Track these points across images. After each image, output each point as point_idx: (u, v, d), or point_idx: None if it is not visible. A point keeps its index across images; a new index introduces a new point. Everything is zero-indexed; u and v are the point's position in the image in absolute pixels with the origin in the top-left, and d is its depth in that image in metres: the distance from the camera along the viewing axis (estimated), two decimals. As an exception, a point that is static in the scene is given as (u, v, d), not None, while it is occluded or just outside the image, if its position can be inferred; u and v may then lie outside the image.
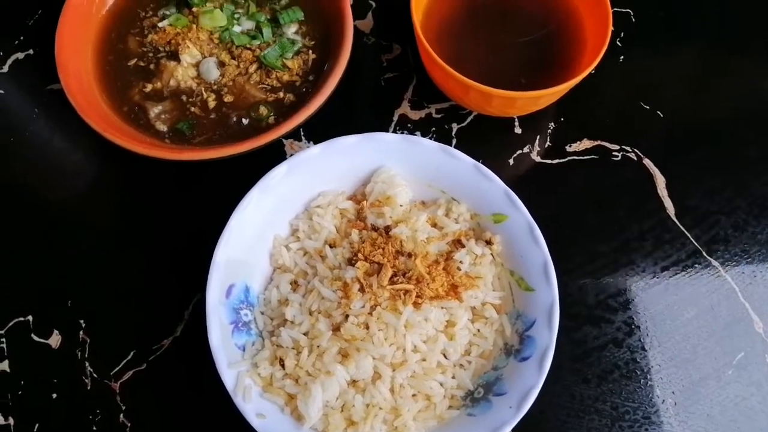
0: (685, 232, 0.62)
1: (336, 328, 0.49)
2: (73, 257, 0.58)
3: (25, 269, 0.58)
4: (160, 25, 0.60)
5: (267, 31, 0.60)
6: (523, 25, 0.65)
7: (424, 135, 0.64)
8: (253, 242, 0.52)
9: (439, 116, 0.66)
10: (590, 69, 0.56)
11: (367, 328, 0.48)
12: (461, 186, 0.55)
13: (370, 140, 0.55)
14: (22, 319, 0.56)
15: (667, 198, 0.63)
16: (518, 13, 0.65)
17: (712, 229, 0.62)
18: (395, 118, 0.65)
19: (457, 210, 0.55)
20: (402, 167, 0.56)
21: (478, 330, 0.52)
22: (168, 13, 0.61)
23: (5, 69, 0.66)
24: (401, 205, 0.54)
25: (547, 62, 0.63)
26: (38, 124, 0.64)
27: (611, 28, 0.57)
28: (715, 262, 0.60)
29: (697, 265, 0.60)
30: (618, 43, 0.69)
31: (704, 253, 0.61)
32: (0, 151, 0.63)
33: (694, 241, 0.61)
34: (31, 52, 0.67)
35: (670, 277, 0.59)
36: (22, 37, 0.67)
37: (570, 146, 0.65)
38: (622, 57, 0.69)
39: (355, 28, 0.65)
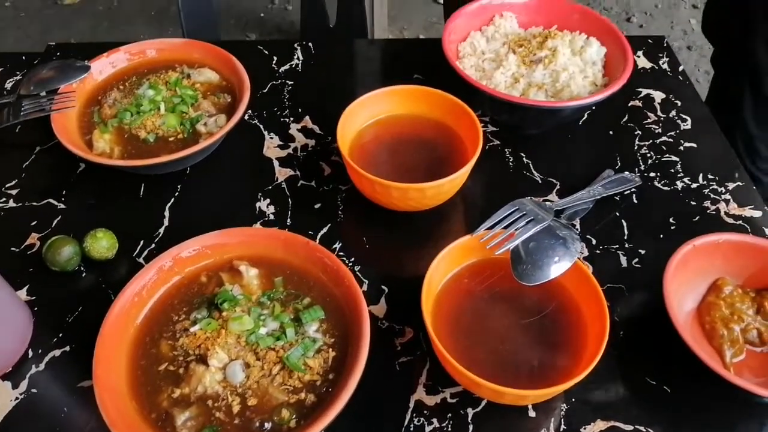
0: None
1: None
2: None
3: None
4: (191, 329, 0.65)
5: (290, 332, 0.65)
6: (526, 310, 0.70)
7: (440, 423, 0.66)
8: None
9: (454, 401, 0.68)
10: (594, 362, 0.60)
11: None
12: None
13: (390, 444, 0.56)
14: None
15: (689, 483, 0.62)
16: (521, 300, 0.70)
17: None
18: (411, 405, 0.67)
19: None
20: (422, 470, 0.56)
21: None
22: (199, 316, 0.66)
23: (42, 367, 0.70)
24: None
25: (554, 344, 0.67)
26: (66, 423, 0.65)
27: (608, 329, 0.62)
28: None
29: None
30: (616, 318, 0.74)
31: None
32: (24, 454, 0.64)
33: None
34: (67, 348, 0.71)
35: None
36: (60, 335, 0.72)
37: (584, 428, 0.66)
38: (621, 332, 0.73)
39: (370, 313, 0.70)
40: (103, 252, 0.77)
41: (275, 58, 1.08)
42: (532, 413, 0.67)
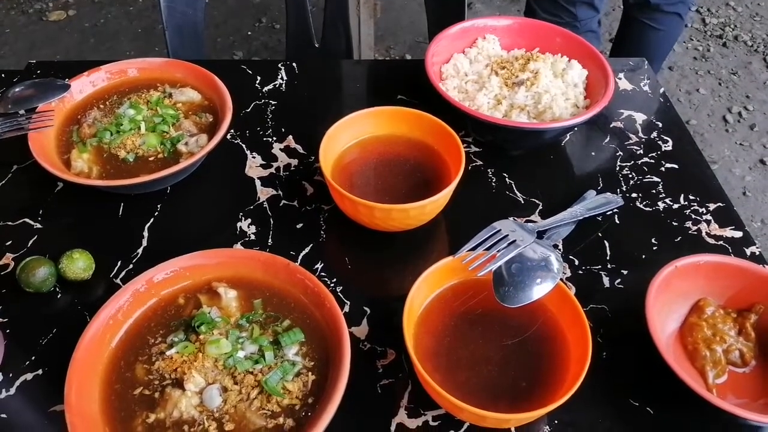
0: None
1: None
2: None
3: None
4: (167, 353, 0.64)
5: (269, 355, 0.63)
6: (508, 331, 0.69)
7: (422, 446, 0.65)
8: None
9: (436, 424, 0.66)
10: (576, 385, 0.60)
11: None
12: None
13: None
14: None
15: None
16: (503, 321, 0.70)
17: None
18: (393, 428, 0.66)
19: None
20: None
21: None
22: (176, 339, 0.65)
23: (12, 391, 0.68)
24: None
25: (536, 366, 0.67)
26: (36, 451, 0.63)
27: (590, 351, 0.62)
28: None
29: None
30: (599, 339, 0.74)
31: None
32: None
33: None
34: (40, 372, 0.70)
35: None
36: (33, 357, 0.71)
37: (567, 451, 0.65)
38: (605, 353, 0.72)
39: (352, 335, 0.69)
40: (79, 273, 0.75)
41: (259, 78, 1.07)
42: (514, 437, 0.66)
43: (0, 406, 0.67)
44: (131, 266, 0.80)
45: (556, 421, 0.67)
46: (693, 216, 0.88)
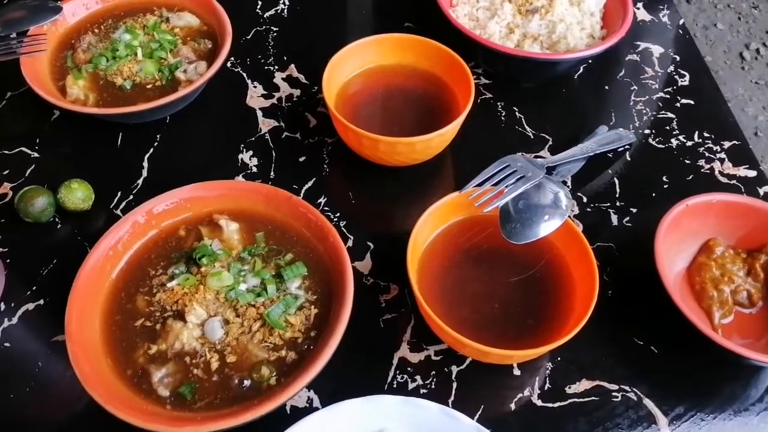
0: (696, 480, 0.60)
1: None
2: None
3: None
4: (168, 285, 0.63)
5: (272, 288, 0.63)
6: (514, 268, 0.68)
7: (424, 380, 0.65)
8: None
9: (438, 358, 0.67)
10: (581, 323, 0.59)
11: None
12: (464, 449, 0.54)
13: (372, 403, 0.55)
14: None
15: (671, 441, 0.62)
16: (508, 258, 0.69)
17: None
18: (395, 362, 0.66)
19: (462, 476, 0.54)
20: (404, 429, 0.55)
21: None
22: (177, 271, 0.64)
23: (14, 320, 0.68)
24: (404, 473, 0.53)
25: (541, 303, 0.66)
26: (41, 378, 0.64)
27: (597, 290, 0.61)
28: None
29: None
30: (605, 277, 0.73)
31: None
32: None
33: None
34: (41, 302, 0.69)
35: None
36: (34, 287, 0.70)
37: (569, 387, 0.65)
38: (610, 292, 0.72)
39: (355, 269, 0.68)
40: (79, 203, 0.74)
41: (260, 3, 1.02)
42: (516, 372, 0.66)
43: (4, 335, 0.67)
44: (131, 197, 0.78)
45: (558, 358, 0.67)
46: (706, 154, 0.86)
